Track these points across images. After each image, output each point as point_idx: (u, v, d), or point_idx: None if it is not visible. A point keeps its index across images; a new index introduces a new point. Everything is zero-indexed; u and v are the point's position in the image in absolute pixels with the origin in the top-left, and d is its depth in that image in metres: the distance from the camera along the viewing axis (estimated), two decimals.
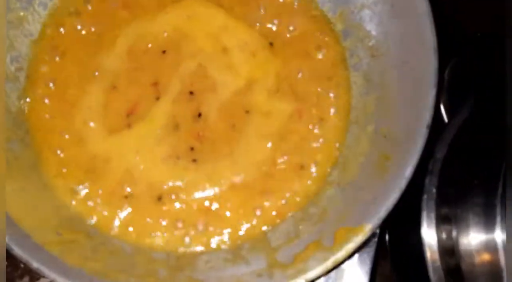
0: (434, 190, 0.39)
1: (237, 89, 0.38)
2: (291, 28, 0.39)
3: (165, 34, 0.38)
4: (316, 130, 0.38)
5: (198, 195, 0.37)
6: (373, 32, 0.37)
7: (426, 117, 0.31)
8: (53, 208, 0.36)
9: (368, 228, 0.30)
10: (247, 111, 0.37)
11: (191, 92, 0.38)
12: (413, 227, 0.39)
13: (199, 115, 0.37)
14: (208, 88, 0.38)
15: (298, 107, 0.38)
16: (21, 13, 0.38)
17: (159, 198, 0.37)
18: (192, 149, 0.37)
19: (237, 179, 0.37)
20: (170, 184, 0.37)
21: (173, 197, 0.37)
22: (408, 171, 0.31)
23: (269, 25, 0.39)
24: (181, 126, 0.37)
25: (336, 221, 0.33)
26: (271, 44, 0.39)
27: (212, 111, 0.37)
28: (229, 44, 0.38)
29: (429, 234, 0.38)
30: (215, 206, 0.36)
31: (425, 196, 0.39)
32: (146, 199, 0.37)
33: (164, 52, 0.38)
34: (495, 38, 0.46)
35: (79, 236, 0.35)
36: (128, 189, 0.36)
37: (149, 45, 0.38)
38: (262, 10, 0.39)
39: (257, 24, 0.39)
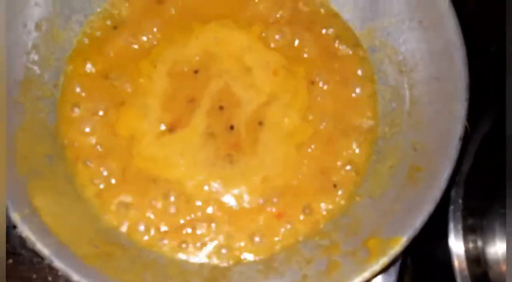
0: (460, 201, 0.40)
1: (259, 104, 0.39)
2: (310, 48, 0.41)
3: (197, 58, 0.40)
4: (342, 141, 0.39)
5: (233, 194, 0.38)
6: (401, 48, 0.38)
7: (459, 129, 0.32)
8: (88, 220, 0.37)
9: (403, 240, 0.31)
10: (260, 123, 0.39)
11: (221, 107, 0.40)
12: (440, 237, 0.40)
13: (232, 127, 0.39)
14: (235, 104, 0.40)
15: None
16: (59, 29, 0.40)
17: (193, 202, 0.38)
18: (229, 155, 0.39)
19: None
20: (205, 187, 0.38)
21: (207, 196, 0.38)
22: (443, 182, 0.32)
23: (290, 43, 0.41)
24: (216, 135, 0.39)
25: (370, 232, 0.33)
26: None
27: (241, 124, 0.39)
28: (251, 64, 0.40)
29: (457, 244, 0.39)
30: (248, 209, 0.37)
31: (451, 207, 0.40)
32: (181, 205, 0.38)
33: (196, 72, 0.40)
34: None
35: (114, 248, 0.36)
36: (169, 197, 0.38)
37: (185, 69, 0.40)
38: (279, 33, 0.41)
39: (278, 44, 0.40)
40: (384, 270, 0.33)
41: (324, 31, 0.41)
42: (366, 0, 0.39)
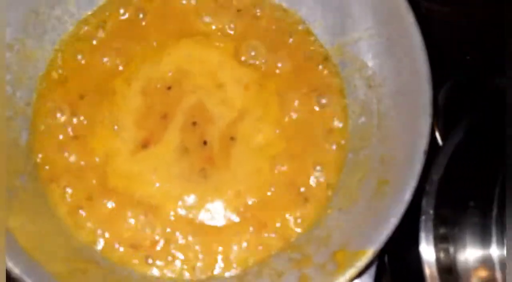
0: (431, 211, 0.41)
1: (231, 120, 0.40)
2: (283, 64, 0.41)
3: (170, 74, 0.41)
4: (313, 155, 0.39)
5: (207, 209, 0.38)
6: (370, 64, 0.39)
7: (423, 143, 0.33)
8: (62, 238, 0.37)
9: (370, 252, 0.32)
10: (232, 138, 0.39)
11: (194, 123, 0.40)
12: (412, 246, 0.41)
13: (205, 143, 0.40)
14: (207, 119, 0.40)
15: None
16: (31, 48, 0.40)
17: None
18: (203, 169, 0.39)
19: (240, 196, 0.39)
20: (179, 203, 0.38)
21: (181, 211, 0.38)
22: (407, 196, 0.32)
23: (261, 61, 0.41)
24: (190, 150, 0.39)
25: (339, 245, 0.34)
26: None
27: (214, 140, 0.40)
28: (224, 80, 0.41)
29: (428, 253, 0.39)
30: (222, 224, 0.38)
31: (423, 217, 0.40)
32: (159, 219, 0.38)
33: (169, 88, 0.40)
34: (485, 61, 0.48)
35: (88, 265, 0.36)
36: (143, 213, 0.38)
37: (158, 85, 0.41)
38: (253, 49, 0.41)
39: (250, 60, 0.41)
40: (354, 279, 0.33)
41: (295, 47, 0.41)
42: (335, 16, 0.40)
